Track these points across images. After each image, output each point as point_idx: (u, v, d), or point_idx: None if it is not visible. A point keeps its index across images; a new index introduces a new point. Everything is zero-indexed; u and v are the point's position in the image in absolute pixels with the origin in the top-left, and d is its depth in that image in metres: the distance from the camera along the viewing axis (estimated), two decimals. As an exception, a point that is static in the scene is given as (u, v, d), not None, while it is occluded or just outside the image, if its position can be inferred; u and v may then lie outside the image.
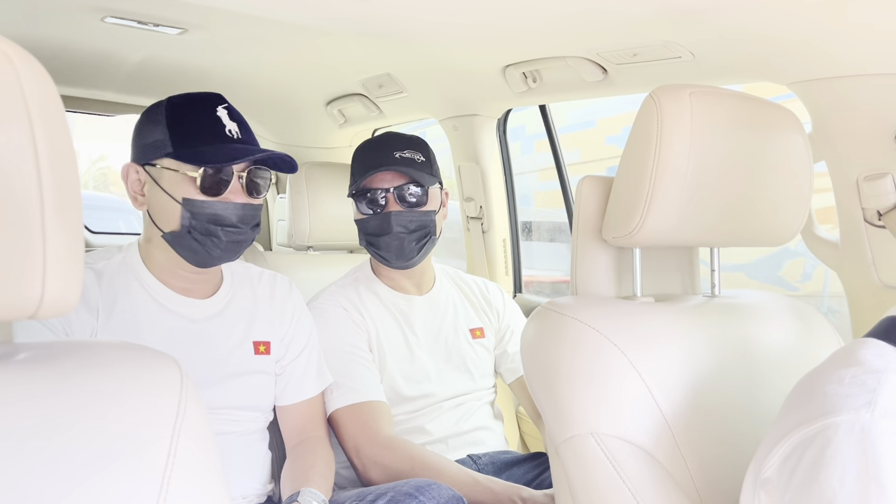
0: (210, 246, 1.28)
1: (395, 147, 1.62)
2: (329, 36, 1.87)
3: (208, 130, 1.28)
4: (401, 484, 1.25)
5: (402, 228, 1.59)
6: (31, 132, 0.55)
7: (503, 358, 1.78)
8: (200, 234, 1.27)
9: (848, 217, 1.40)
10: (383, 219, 1.59)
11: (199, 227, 1.27)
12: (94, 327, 1.24)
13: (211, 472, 0.68)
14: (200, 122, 1.29)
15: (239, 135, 1.30)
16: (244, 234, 1.31)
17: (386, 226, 1.58)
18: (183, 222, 1.27)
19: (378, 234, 1.60)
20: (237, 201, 1.29)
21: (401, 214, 1.59)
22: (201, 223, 1.27)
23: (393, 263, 1.64)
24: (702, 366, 1.06)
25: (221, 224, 1.27)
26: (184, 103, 1.31)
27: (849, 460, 0.69)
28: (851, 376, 0.76)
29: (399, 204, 1.60)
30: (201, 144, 1.27)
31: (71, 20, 1.77)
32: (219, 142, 1.28)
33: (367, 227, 1.62)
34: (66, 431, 0.61)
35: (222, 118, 1.30)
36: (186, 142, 1.27)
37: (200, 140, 1.27)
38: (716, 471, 1.00)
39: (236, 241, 1.30)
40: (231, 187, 1.28)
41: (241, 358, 1.37)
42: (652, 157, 1.02)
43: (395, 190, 1.59)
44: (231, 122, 1.30)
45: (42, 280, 0.56)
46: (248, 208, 1.30)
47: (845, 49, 1.28)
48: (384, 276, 1.71)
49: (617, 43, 1.56)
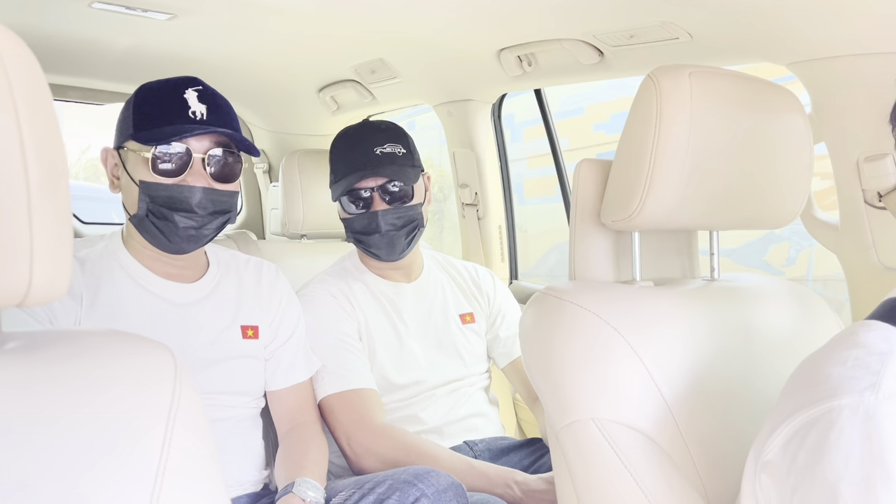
0: (167, 231, 1.25)
1: (374, 142, 1.59)
2: (320, 21, 1.84)
3: (169, 111, 1.25)
4: (399, 471, 1.24)
5: (390, 226, 1.57)
6: (16, 116, 0.53)
7: (495, 342, 1.77)
8: (156, 217, 1.25)
9: (848, 199, 1.39)
10: (370, 218, 1.57)
11: (155, 211, 1.24)
12: (77, 314, 1.23)
13: (207, 459, 0.67)
14: (162, 104, 1.26)
15: (204, 116, 1.26)
16: (204, 220, 1.26)
17: (374, 225, 1.57)
18: (140, 205, 1.25)
19: (366, 233, 1.59)
20: (196, 185, 1.25)
21: (388, 213, 1.57)
22: (156, 206, 1.24)
23: (383, 258, 1.63)
24: (702, 350, 1.05)
25: (176, 208, 1.24)
26: (155, 86, 1.29)
27: (853, 443, 0.68)
28: (854, 358, 0.75)
29: (385, 202, 1.58)
30: (159, 125, 1.24)
31: (57, 6, 1.74)
32: (179, 122, 1.24)
33: (355, 226, 1.61)
34: (60, 421, 0.59)
35: (189, 100, 1.26)
36: (146, 123, 1.25)
37: (160, 121, 1.25)
38: (718, 455, 1.00)
39: (195, 228, 1.26)
40: (192, 170, 1.25)
41: (229, 342, 1.36)
42: (651, 139, 1.00)
43: (380, 189, 1.57)
44: (199, 104, 1.26)
45: (30, 266, 0.54)
46: (209, 193, 1.26)
47: (845, 28, 1.27)
48: (372, 265, 1.70)
49: (613, 24, 1.54)
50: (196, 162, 1.25)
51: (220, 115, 1.29)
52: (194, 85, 1.28)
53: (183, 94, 1.26)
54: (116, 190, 1.32)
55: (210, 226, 1.28)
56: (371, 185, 1.57)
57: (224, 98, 1.32)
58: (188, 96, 1.26)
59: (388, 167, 1.57)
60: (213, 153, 1.26)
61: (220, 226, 1.31)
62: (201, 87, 1.29)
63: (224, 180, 1.28)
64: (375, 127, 1.65)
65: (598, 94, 4.61)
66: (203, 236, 1.29)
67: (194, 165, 1.25)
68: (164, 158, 1.23)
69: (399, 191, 1.58)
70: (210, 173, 1.26)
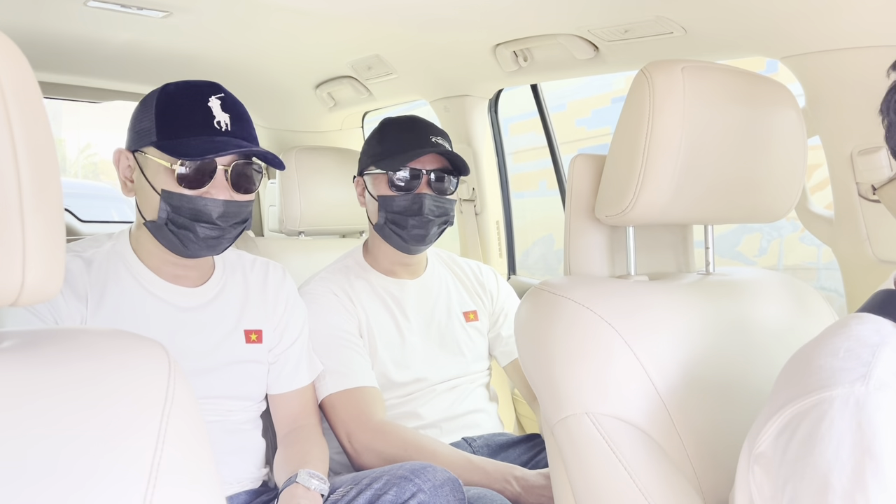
0: (186, 240, 1.25)
1: (429, 131, 1.62)
2: (316, 17, 1.84)
3: (194, 121, 1.24)
4: (396, 467, 1.24)
5: (430, 212, 1.58)
6: (7, 115, 0.54)
7: (497, 341, 1.78)
8: (176, 227, 1.24)
9: (842, 191, 1.39)
10: (415, 199, 1.58)
11: (176, 221, 1.24)
12: (83, 315, 1.23)
13: (201, 457, 0.67)
14: (187, 113, 1.25)
15: (229, 127, 1.25)
16: (224, 231, 1.26)
17: (417, 206, 1.57)
18: (160, 213, 1.24)
19: (406, 214, 1.58)
20: (219, 197, 1.24)
21: (432, 198, 1.59)
22: (178, 216, 1.23)
23: (409, 247, 1.63)
24: (697, 343, 1.06)
25: (199, 220, 1.23)
26: (176, 92, 1.27)
27: (844, 434, 0.68)
28: (846, 350, 0.76)
29: (430, 188, 1.59)
30: (185, 136, 1.23)
31: (53, 4, 1.74)
32: (205, 133, 1.23)
33: (394, 205, 1.59)
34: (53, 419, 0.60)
35: (213, 108, 1.25)
36: (171, 132, 1.24)
37: (185, 131, 1.23)
38: (712, 447, 1.00)
39: (214, 238, 1.26)
40: (214, 181, 1.24)
41: (232, 347, 1.36)
42: (644, 134, 1.00)
43: (434, 173, 1.59)
44: (223, 112, 1.26)
45: (22, 266, 0.54)
46: (231, 205, 1.25)
47: (840, 22, 1.27)
48: (376, 261, 1.70)
49: (608, 19, 1.54)
50: (219, 174, 1.24)
51: (244, 126, 1.28)
52: (217, 92, 1.27)
53: (207, 103, 1.25)
54: (130, 193, 1.30)
55: (229, 235, 1.28)
56: (428, 167, 1.59)
57: (243, 105, 1.31)
58: (212, 105, 1.25)
59: (446, 152, 1.59)
60: (237, 165, 1.26)
61: (238, 234, 1.31)
62: (223, 94, 1.28)
63: (245, 191, 1.28)
64: (426, 121, 1.68)
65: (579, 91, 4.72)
66: (222, 245, 1.29)
67: (217, 177, 1.24)
68: (192, 172, 1.22)
69: (448, 180, 1.61)
70: (232, 184, 1.25)
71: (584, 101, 4.71)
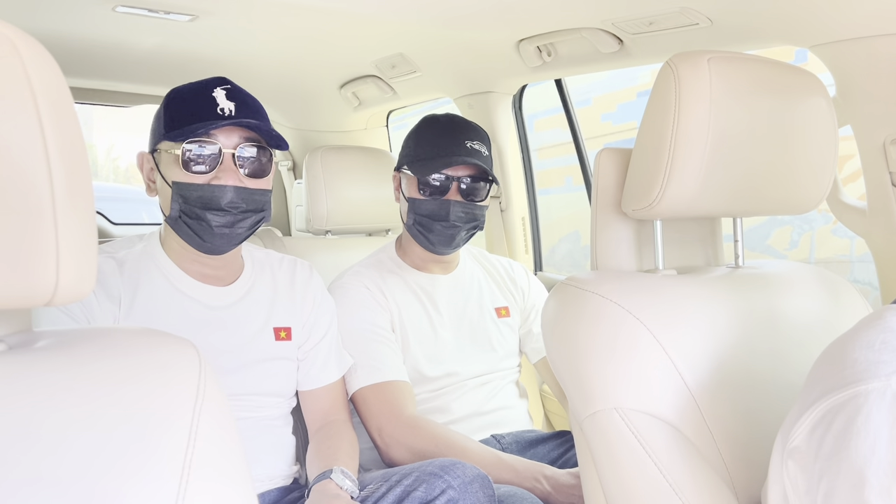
0: (201, 231, 1.26)
1: (466, 135, 1.62)
2: (340, 17, 1.85)
3: (198, 110, 1.26)
4: (426, 464, 1.25)
5: (457, 218, 1.59)
6: (39, 119, 0.55)
7: (528, 337, 1.77)
8: (190, 218, 1.25)
9: (875, 182, 1.36)
10: (442, 205, 1.58)
11: (188, 211, 1.25)
12: (116, 316, 1.25)
13: (232, 454, 0.68)
14: (191, 103, 1.27)
15: (233, 113, 1.26)
16: (236, 218, 1.26)
17: (444, 212, 1.58)
18: (173, 206, 1.26)
19: (434, 219, 1.59)
20: (228, 183, 1.25)
21: (461, 205, 1.59)
22: (189, 206, 1.25)
23: (436, 249, 1.64)
24: (727, 338, 1.04)
25: (209, 208, 1.24)
26: (184, 89, 1.31)
27: (880, 428, 0.67)
28: (881, 342, 0.74)
29: (460, 193, 1.59)
30: (188, 123, 1.25)
31: (82, 10, 1.77)
32: (209, 119, 1.25)
33: (422, 209, 1.60)
34: (86, 417, 0.61)
35: (217, 98, 1.27)
36: (176, 122, 1.26)
37: (189, 118, 1.25)
38: (743, 443, 0.99)
39: (227, 226, 1.26)
40: (222, 166, 1.25)
41: (262, 344, 1.37)
42: (671, 127, 0.99)
43: (465, 181, 1.59)
44: (227, 101, 1.27)
45: (56, 266, 0.56)
46: (241, 192, 1.26)
47: (869, 8, 1.24)
48: (411, 257, 1.71)
49: (632, 11, 1.53)
50: (226, 158, 1.25)
51: (249, 112, 1.29)
52: (222, 84, 1.29)
53: (211, 93, 1.27)
54: (153, 193, 1.32)
55: (243, 224, 1.28)
56: (459, 174, 1.59)
57: (252, 96, 1.33)
58: (216, 94, 1.27)
59: (478, 162, 1.59)
60: (244, 148, 1.26)
61: (254, 224, 1.31)
62: (229, 85, 1.30)
63: (255, 176, 1.28)
64: (465, 122, 1.67)
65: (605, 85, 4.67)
66: (237, 235, 1.29)
67: (224, 161, 1.25)
68: (194, 157, 1.24)
69: (479, 188, 1.60)
70: (241, 169, 1.26)
71: (609, 96, 4.68)
